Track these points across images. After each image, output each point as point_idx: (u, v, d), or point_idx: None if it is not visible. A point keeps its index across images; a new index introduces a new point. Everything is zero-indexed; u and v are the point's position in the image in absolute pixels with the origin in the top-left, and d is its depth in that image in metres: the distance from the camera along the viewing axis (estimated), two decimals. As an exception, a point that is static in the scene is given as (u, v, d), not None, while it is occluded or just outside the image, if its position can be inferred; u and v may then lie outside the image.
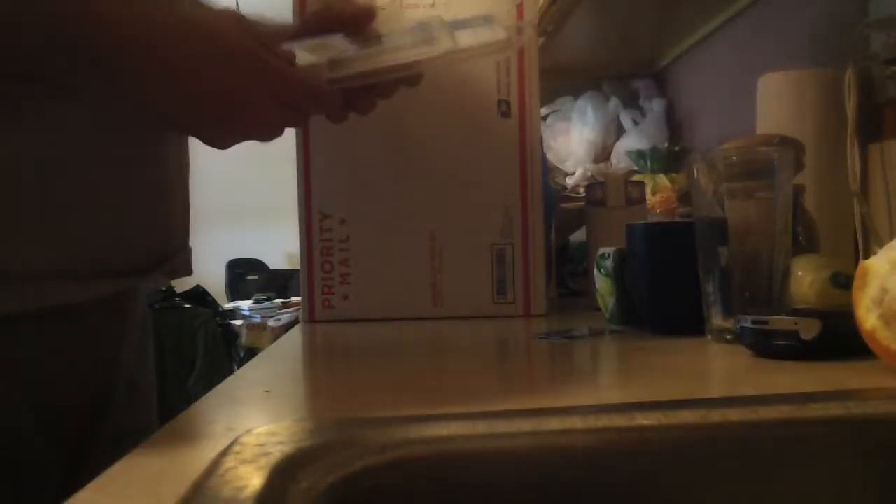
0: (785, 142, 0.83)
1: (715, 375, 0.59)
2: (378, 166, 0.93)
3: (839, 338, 0.53)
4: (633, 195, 1.00)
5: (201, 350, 3.16)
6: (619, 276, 0.78)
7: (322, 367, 0.75)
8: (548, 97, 1.86)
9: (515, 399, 0.51)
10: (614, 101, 1.84)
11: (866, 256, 0.52)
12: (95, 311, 0.60)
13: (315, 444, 0.34)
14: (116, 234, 0.59)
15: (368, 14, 0.64)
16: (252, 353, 3.04)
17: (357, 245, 0.96)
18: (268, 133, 0.60)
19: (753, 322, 0.56)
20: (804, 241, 0.83)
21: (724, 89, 1.48)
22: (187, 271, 0.71)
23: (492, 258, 0.95)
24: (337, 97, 0.61)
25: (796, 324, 0.54)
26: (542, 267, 0.96)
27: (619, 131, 1.82)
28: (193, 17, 0.54)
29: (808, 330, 0.54)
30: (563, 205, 1.28)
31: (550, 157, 1.79)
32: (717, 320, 0.65)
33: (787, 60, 1.13)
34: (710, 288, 0.65)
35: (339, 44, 0.63)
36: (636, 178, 1.42)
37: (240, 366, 3.07)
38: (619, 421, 0.38)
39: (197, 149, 0.66)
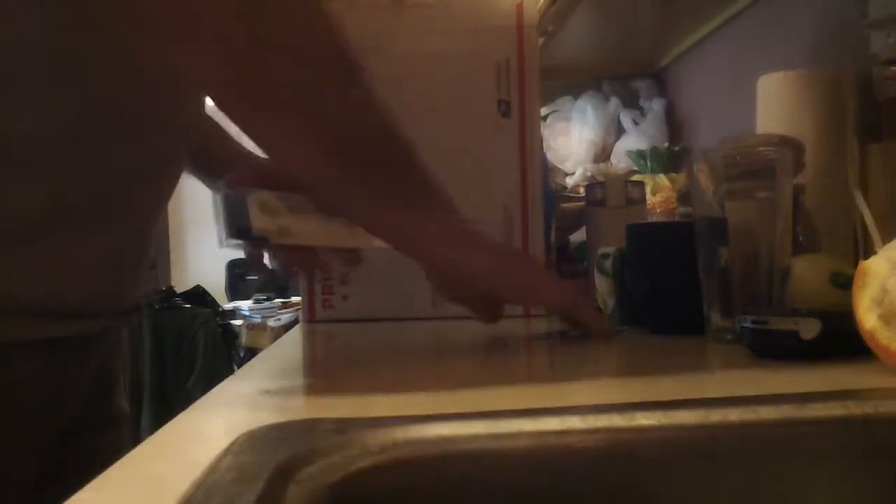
0: (785, 142, 0.83)
1: (715, 375, 0.59)
2: (378, 166, 0.94)
3: (839, 338, 0.53)
4: (633, 195, 1.00)
5: (201, 350, 3.16)
6: (619, 276, 0.78)
7: (322, 367, 0.75)
8: (548, 97, 1.86)
9: (515, 399, 0.51)
10: (614, 101, 1.84)
11: (866, 256, 0.52)
12: (68, 342, 0.62)
13: (315, 444, 0.34)
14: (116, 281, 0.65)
15: None
16: (252, 353, 3.03)
17: (357, 245, 0.96)
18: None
19: (753, 322, 0.56)
20: (804, 241, 0.83)
21: (724, 89, 1.48)
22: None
23: (492, 258, 0.95)
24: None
25: (796, 324, 0.54)
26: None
27: (619, 131, 1.82)
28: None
29: (808, 330, 0.54)
30: (563, 205, 1.28)
31: (550, 157, 1.79)
32: (717, 320, 0.65)
33: (787, 60, 1.13)
34: (710, 288, 0.65)
35: (291, 201, 0.69)
36: (636, 178, 1.42)
37: (240, 366, 3.06)
38: (619, 421, 0.38)
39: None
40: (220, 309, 3.55)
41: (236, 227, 0.66)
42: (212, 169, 0.83)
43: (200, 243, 3.93)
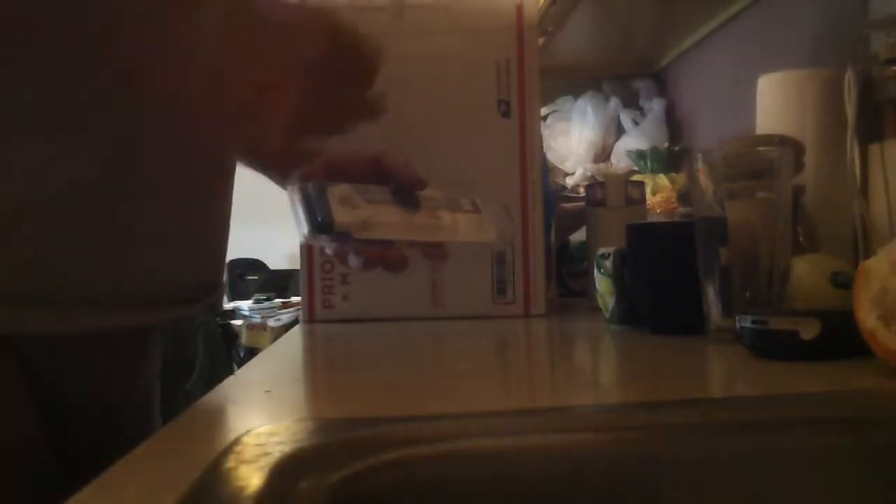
0: (785, 142, 0.83)
1: (715, 375, 0.59)
2: (378, 166, 0.94)
3: (839, 338, 0.53)
4: (633, 195, 1.00)
5: (201, 350, 3.16)
6: (619, 276, 0.78)
7: (322, 367, 0.75)
8: (548, 97, 1.86)
9: (515, 399, 0.51)
10: (614, 101, 1.83)
11: (866, 256, 0.52)
12: (124, 333, 0.61)
13: (315, 444, 0.34)
14: (171, 267, 0.60)
15: (418, 184, 0.73)
16: (252, 353, 3.03)
17: (357, 245, 0.96)
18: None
19: (753, 322, 0.56)
20: (804, 241, 0.83)
21: (724, 89, 1.48)
22: (219, 307, 0.74)
23: (492, 258, 0.95)
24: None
25: (796, 324, 0.54)
26: (542, 267, 0.96)
27: (619, 131, 1.82)
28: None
29: (808, 330, 0.54)
30: (563, 205, 1.28)
31: (550, 157, 1.79)
32: (717, 320, 0.65)
33: (787, 60, 1.13)
34: (710, 288, 0.65)
35: (371, 194, 0.68)
36: (636, 178, 1.42)
37: (240, 366, 3.06)
38: (619, 421, 0.38)
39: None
40: (220, 309, 3.55)
41: (318, 222, 0.64)
42: (275, 164, 0.79)
43: (200, 243, 3.92)
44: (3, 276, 0.52)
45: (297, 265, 0.98)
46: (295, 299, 3.52)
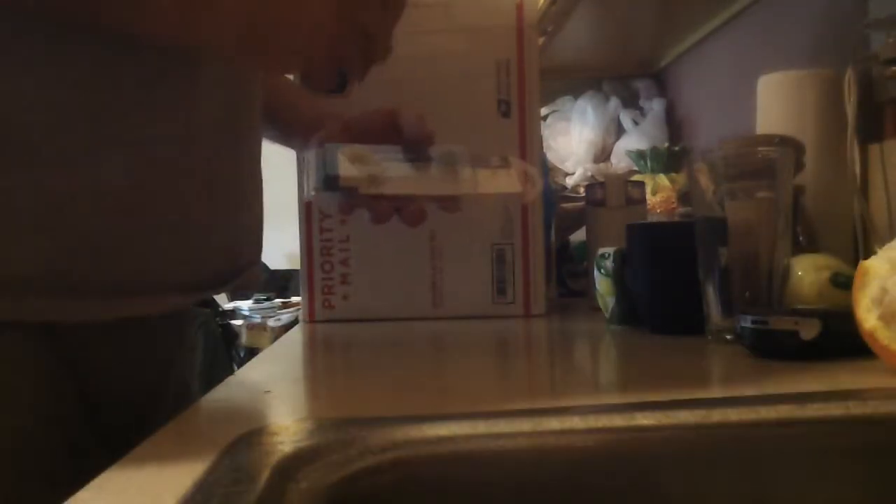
0: (785, 142, 0.83)
1: (715, 375, 0.59)
2: (378, 166, 0.94)
3: (839, 338, 0.53)
4: (633, 195, 1.00)
5: (201, 350, 3.16)
6: (619, 276, 0.78)
7: (322, 367, 0.75)
8: (548, 97, 1.86)
9: (515, 399, 0.51)
10: (614, 101, 1.83)
11: (866, 256, 0.52)
12: (161, 318, 0.63)
13: (315, 444, 0.34)
14: (198, 250, 0.61)
15: (428, 139, 0.74)
16: (252, 353, 3.03)
17: (357, 245, 0.96)
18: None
19: (753, 322, 0.56)
20: (804, 241, 0.83)
21: (724, 89, 1.48)
22: (255, 286, 0.75)
23: (492, 258, 0.95)
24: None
25: (796, 324, 0.54)
26: (542, 267, 0.96)
27: (619, 131, 1.82)
28: None
29: (808, 330, 0.54)
30: (563, 205, 1.28)
31: (550, 157, 1.79)
32: (717, 320, 0.65)
33: (787, 61, 1.13)
34: (710, 288, 0.65)
35: (386, 153, 0.69)
36: (636, 178, 1.42)
37: (240, 366, 3.06)
38: (619, 421, 0.38)
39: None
40: (220, 309, 3.54)
41: (324, 177, 0.65)
42: (299, 130, 0.82)
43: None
44: (48, 265, 0.52)
45: (297, 265, 0.98)
46: (295, 299, 3.51)
